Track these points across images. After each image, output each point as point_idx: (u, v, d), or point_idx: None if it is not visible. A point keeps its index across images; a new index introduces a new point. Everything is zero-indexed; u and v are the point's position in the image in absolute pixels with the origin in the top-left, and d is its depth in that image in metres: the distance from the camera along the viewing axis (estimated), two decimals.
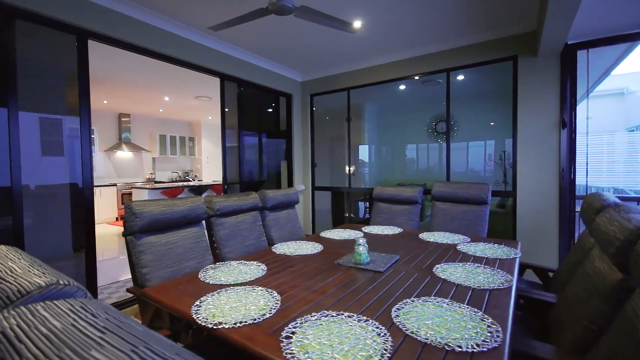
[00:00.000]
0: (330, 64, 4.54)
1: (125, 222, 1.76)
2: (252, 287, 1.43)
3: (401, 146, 5.03)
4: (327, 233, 2.65)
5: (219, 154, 3.98)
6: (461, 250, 2.06)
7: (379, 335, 1.01)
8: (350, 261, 1.81)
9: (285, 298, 1.32)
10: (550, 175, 3.21)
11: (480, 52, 3.56)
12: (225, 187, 3.98)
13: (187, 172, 9.26)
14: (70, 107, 2.59)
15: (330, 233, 2.66)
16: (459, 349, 0.92)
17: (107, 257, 4.58)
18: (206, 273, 1.65)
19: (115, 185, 7.37)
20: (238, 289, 1.41)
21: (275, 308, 1.21)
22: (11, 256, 0.64)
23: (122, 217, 1.79)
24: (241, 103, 4.16)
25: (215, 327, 1.07)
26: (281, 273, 1.66)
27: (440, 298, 1.29)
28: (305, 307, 1.23)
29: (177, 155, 8.93)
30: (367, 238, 2.33)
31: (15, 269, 0.56)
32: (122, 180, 7.92)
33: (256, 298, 1.31)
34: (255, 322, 1.10)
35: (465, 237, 2.41)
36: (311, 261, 1.87)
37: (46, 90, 2.52)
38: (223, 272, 1.66)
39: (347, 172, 4.89)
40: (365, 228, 2.84)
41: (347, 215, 5.14)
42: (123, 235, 1.79)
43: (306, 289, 1.42)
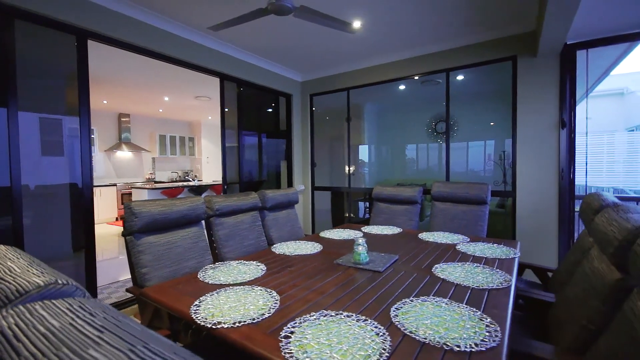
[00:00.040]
0: (330, 64, 4.54)
1: (124, 222, 1.77)
2: (251, 287, 1.43)
3: (401, 146, 5.03)
4: (327, 233, 2.66)
5: (219, 154, 3.98)
6: (460, 250, 2.06)
7: (378, 334, 1.01)
8: (349, 261, 1.81)
9: (284, 298, 1.32)
10: (549, 175, 3.21)
11: (479, 52, 3.56)
12: (225, 187, 3.98)
13: (187, 172, 9.26)
14: (70, 107, 2.59)
15: (329, 233, 2.66)
16: (458, 349, 0.93)
17: (107, 257, 4.58)
18: (205, 273, 1.65)
19: (115, 185, 7.37)
20: (237, 289, 1.41)
21: (274, 308, 1.22)
22: (10, 256, 0.64)
23: (122, 217, 1.80)
24: (241, 103, 4.16)
25: (214, 327, 1.07)
26: (280, 273, 1.66)
27: (439, 298, 1.29)
28: (304, 307, 1.23)
29: (177, 155, 8.93)
30: (367, 238, 2.33)
31: (14, 269, 0.56)
32: (122, 180, 7.93)
33: (255, 298, 1.31)
34: (254, 322, 1.10)
35: (464, 237, 2.41)
36: (310, 261, 1.87)
37: (46, 90, 2.52)
38: (222, 272, 1.66)
39: (347, 172, 4.89)
40: (364, 228, 2.84)
41: (347, 215, 5.14)
42: (122, 235, 1.79)
43: (305, 289, 1.42)
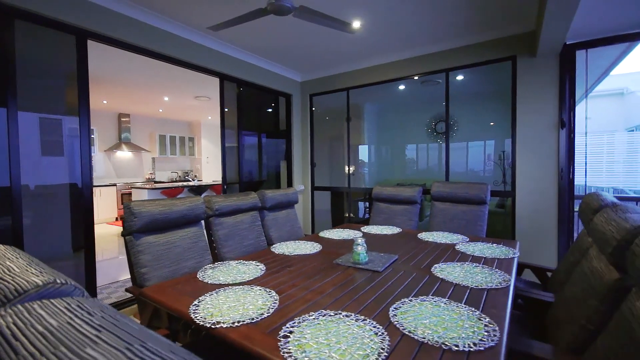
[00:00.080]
0: (329, 64, 4.54)
1: (124, 222, 1.77)
2: (251, 287, 1.43)
3: (401, 146, 5.04)
4: (326, 233, 2.66)
5: (219, 154, 3.98)
6: (460, 250, 2.06)
7: (377, 334, 1.01)
8: (348, 261, 1.81)
9: (283, 297, 1.32)
10: (549, 175, 3.22)
11: (479, 52, 3.56)
12: (224, 187, 3.98)
13: (187, 172, 9.26)
14: (70, 107, 2.59)
15: (329, 233, 2.66)
16: (456, 348, 0.93)
17: (107, 257, 4.58)
18: (205, 273, 1.66)
19: (115, 185, 7.38)
20: (236, 289, 1.42)
21: (273, 307, 1.22)
22: (9, 255, 0.64)
23: (122, 217, 1.80)
24: (241, 103, 4.16)
25: (213, 327, 1.07)
26: (280, 273, 1.66)
27: (438, 297, 1.29)
28: (303, 307, 1.23)
29: (177, 155, 8.93)
30: (366, 238, 2.33)
31: (13, 268, 0.56)
32: (122, 180, 7.93)
33: (254, 297, 1.31)
34: (253, 322, 1.11)
35: (464, 237, 2.41)
36: (310, 261, 1.87)
37: (46, 90, 2.53)
38: (222, 272, 1.67)
39: (347, 172, 4.89)
40: (364, 228, 2.85)
41: (347, 215, 5.14)
42: (122, 235, 1.79)
43: (304, 289, 1.42)
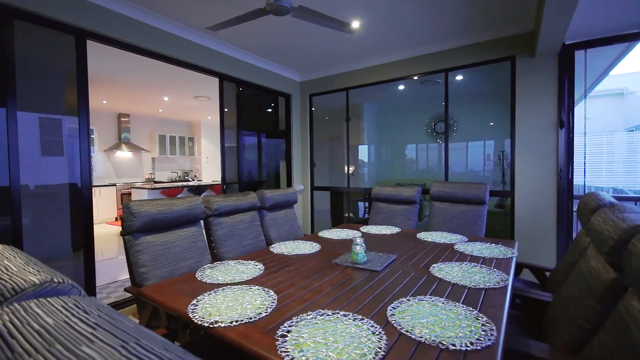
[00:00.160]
0: (329, 64, 4.55)
1: (123, 222, 1.77)
2: (249, 286, 1.44)
3: (400, 146, 5.04)
4: (325, 233, 2.66)
5: (219, 154, 3.98)
6: (458, 249, 2.06)
7: (374, 333, 1.01)
8: (347, 260, 1.82)
9: (281, 297, 1.33)
10: (548, 175, 3.22)
11: (478, 52, 3.57)
12: (224, 187, 3.98)
13: (187, 172, 9.26)
14: (69, 107, 2.59)
15: (328, 233, 2.66)
16: (453, 347, 0.93)
17: (107, 257, 4.59)
18: (203, 272, 1.66)
19: (114, 185, 7.38)
20: (235, 288, 1.42)
21: (271, 307, 1.22)
22: (7, 255, 0.64)
23: (121, 217, 1.81)
24: (240, 103, 4.17)
25: (211, 326, 1.07)
26: (278, 272, 1.67)
27: (435, 297, 1.29)
28: (301, 306, 1.23)
29: (177, 155, 8.94)
30: (365, 238, 2.33)
31: (10, 267, 0.57)
32: (122, 180, 7.93)
33: (253, 297, 1.32)
34: (251, 321, 1.11)
35: (462, 237, 2.41)
36: (308, 261, 1.88)
37: (46, 90, 2.53)
38: (220, 272, 1.67)
39: (346, 172, 4.90)
40: (363, 228, 2.85)
41: (347, 215, 5.15)
42: (121, 234, 1.80)
43: (303, 288, 1.43)
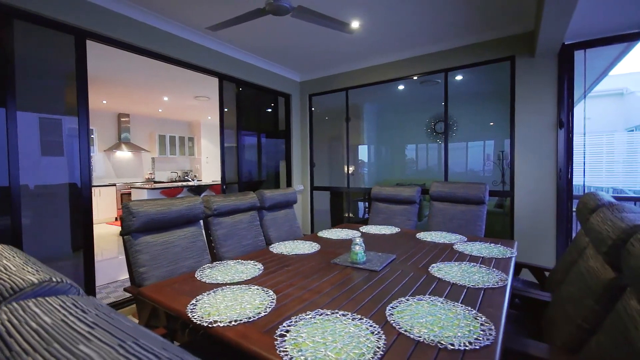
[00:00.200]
0: (328, 64, 4.55)
1: (122, 222, 1.77)
2: (248, 286, 1.44)
3: (400, 146, 5.04)
4: (325, 233, 2.66)
5: (219, 154, 3.99)
6: (457, 249, 2.06)
7: (373, 333, 1.01)
8: (346, 260, 1.82)
9: (280, 297, 1.33)
10: (547, 175, 3.22)
11: (478, 52, 3.57)
12: (223, 187, 3.98)
13: (187, 172, 9.26)
14: (69, 107, 2.60)
15: (327, 233, 2.66)
16: (452, 347, 0.93)
17: (106, 257, 4.59)
18: (203, 272, 1.66)
19: (114, 185, 7.38)
20: (234, 288, 1.42)
21: (270, 307, 1.22)
22: (6, 254, 0.65)
23: (121, 217, 1.81)
24: (240, 103, 4.17)
25: (210, 326, 1.07)
26: (277, 272, 1.67)
27: (434, 297, 1.29)
28: (300, 306, 1.24)
29: (177, 155, 8.94)
30: (365, 238, 2.34)
31: (9, 267, 0.57)
32: (122, 180, 7.93)
33: (252, 297, 1.32)
34: (250, 321, 1.11)
35: (462, 237, 2.42)
36: (308, 260, 1.88)
37: (45, 90, 2.53)
38: (220, 272, 1.67)
39: (346, 172, 4.90)
40: (362, 228, 2.85)
41: (346, 215, 5.15)
42: (120, 234, 1.80)
43: (302, 288, 1.43)
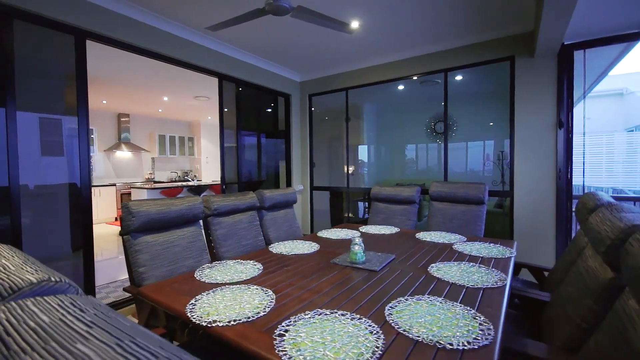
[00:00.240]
0: (328, 64, 4.55)
1: (122, 222, 1.77)
2: (248, 286, 1.44)
3: (400, 146, 5.04)
4: (324, 233, 2.66)
5: (219, 154, 3.99)
6: (457, 249, 2.06)
7: (372, 333, 1.01)
8: (345, 260, 1.82)
9: (279, 297, 1.33)
10: (547, 175, 3.22)
11: (477, 52, 3.57)
12: (223, 187, 3.98)
13: (187, 172, 9.26)
14: (69, 107, 2.60)
15: (327, 233, 2.67)
16: (450, 347, 0.93)
17: (106, 257, 4.59)
18: (202, 272, 1.66)
19: (114, 185, 7.38)
20: (233, 288, 1.42)
21: (269, 306, 1.22)
22: (5, 254, 0.65)
23: (121, 217, 1.81)
24: (240, 103, 4.17)
25: (209, 325, 1.08)
26: (277, 272, 1.67)
27: (433, 297, 1.30)
28: (299, 306, 1.24)
29: (177, 155, 8.94)
30: (364, 238, 2.34)
31: (8, 267, 0.57)
32: (122, 180, 7.93)
33: (251, 297, 1.32)
34: (249, 320, 1.11)
35: (461, 237, 2.42)
36: (307, 260, 1.88)
37: (45, 90, 2.53)
38: (219, 271, 1.67)
39: (346, 172, 4.90)
40: (362, 228, 2.85)
41: (346, 215, 5.15)
42: (120, 234, 1.80)
43: (301, 288, 1.43)
